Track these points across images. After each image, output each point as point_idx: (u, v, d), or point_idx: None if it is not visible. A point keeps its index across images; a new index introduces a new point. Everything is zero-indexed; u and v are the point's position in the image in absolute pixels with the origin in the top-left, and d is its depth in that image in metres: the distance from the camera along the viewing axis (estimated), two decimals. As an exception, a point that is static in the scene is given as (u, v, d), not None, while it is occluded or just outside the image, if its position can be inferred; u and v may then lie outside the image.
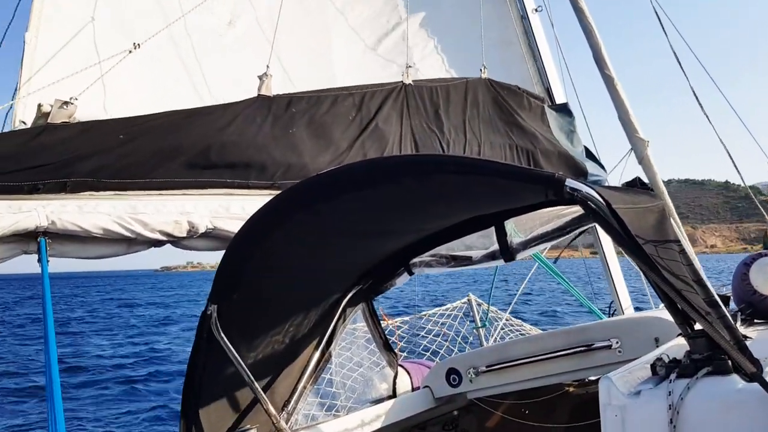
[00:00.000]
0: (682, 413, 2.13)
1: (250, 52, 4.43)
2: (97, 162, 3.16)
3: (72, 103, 3.20)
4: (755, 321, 3.80)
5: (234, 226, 3.34)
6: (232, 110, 3.71)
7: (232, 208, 3.53)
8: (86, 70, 3.41)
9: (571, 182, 2.23)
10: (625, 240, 2.21)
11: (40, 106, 3.17)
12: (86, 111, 3.29)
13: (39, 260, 2.91)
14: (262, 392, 3.29)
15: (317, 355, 3.81)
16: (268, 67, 3.96)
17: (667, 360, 2.45)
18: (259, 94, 3.89)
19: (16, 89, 3.46)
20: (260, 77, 3.93)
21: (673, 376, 2.27)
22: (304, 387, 3.73)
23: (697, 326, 2.43)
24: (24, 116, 3.34)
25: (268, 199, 3.10)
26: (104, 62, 3.46)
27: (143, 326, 32.91)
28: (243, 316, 3.28)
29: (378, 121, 4.36)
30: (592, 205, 2.20)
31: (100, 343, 25.65)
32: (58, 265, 3.02)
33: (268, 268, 3.25)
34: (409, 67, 4.87)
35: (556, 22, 6.58)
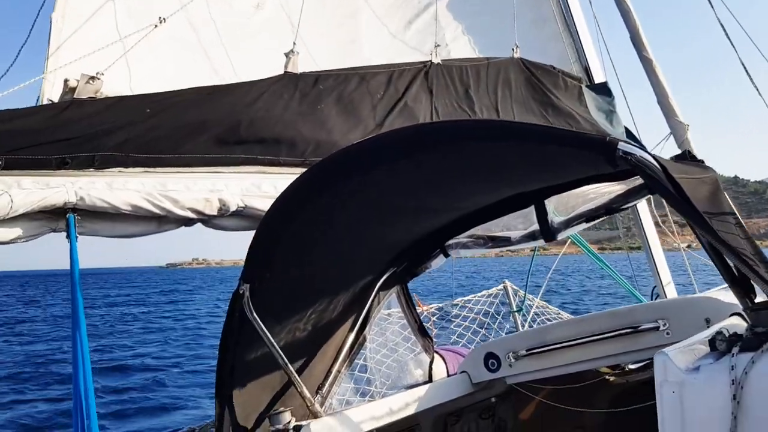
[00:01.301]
0: (746, 388, 2.00)
1: (277, 35, 4.35)
2: (123, 135, 3.12)
3: (98, 79, 3.16)
4: None
5: (265, 204, 3.26)
6: (258, 87, 3.66)
7: (264, 186, 3.46)
8: (112, 46, 3.38)
9: (624, 146, 2.11)
10: (684, 206, 2.09)
11: (66, 81, 3.14)
12: (113, 87, 3.26)
13: (68, 237, 2.86)
14: (296, 375, 3.20)
15: (351, 338, 3.72)
16: (294, 44, 3.89)
17: (727, 334, 2.31)
18: (285, 71, 3.82)
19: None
20: (287, 54, 3.87)
21: (735, 350, 2.13)
22: (339, 371, 3.64)
23: (758, 299, 2.29)
24: (51, 94, 3.30)
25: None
26: (129, 37, 3.42)
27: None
28: (275, 297, 3.20)
29: (407, 99, 4.27)
30: (648, 171, 2.07)
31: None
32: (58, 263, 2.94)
33: (300, 247, 3.16)
34: (438, 46, 4.76)
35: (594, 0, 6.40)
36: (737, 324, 2.63)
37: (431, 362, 4.29)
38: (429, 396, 3.99)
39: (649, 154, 2.13)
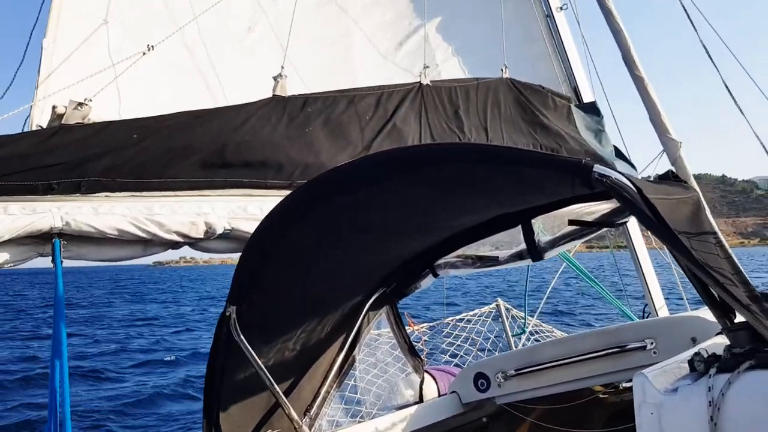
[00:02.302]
0: (723, 409, 2.01)
1: (267, 57, 4.41)
2: (110, 161, 3.15)
3: (86, 105, 3.19)
4: None
5: (252, 226, 3.27)
6: (246, 110, 3.69)
7: (250, 209, 3.48)
8: (101, 73, 3.42)
9: (599, 168, 2.11)
10: (659, 228, 2.10)
11: (54, 107, 3.18)
12: (101, 113, 3.29)
13: (53, 261, 2.88)
14: (283, 396, 3.21)
15: (341, 358, 3.73)
16: (282, 67, 3.93)
17: (705, 355, 2.32)
18: (273, 95, 3.86)
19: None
20: (275, 78, 3.90)
21: (712, 371, 2.15)
22: (328, 392, 3.64)
23: (737, 319, 2.30)
24: (41, 121, 3.34)
25: None
26: (119, 64, 3.46)
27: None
28: (263, 318, 3.21)
29: (396, 120, 4.30)
30: (623, 193, 2.08)
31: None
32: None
33: (288, 268, 3.18)
34: (427, 67, 4.80)
35: (582, 20, 6.46)
36: (721, 343, 2.64)
37: (422, 382, 4.30)
38: (419, 416, 3.99)
39: (625, 176, 2.14)
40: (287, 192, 3.61)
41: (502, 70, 5.35)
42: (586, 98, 6.06)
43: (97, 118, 3.25)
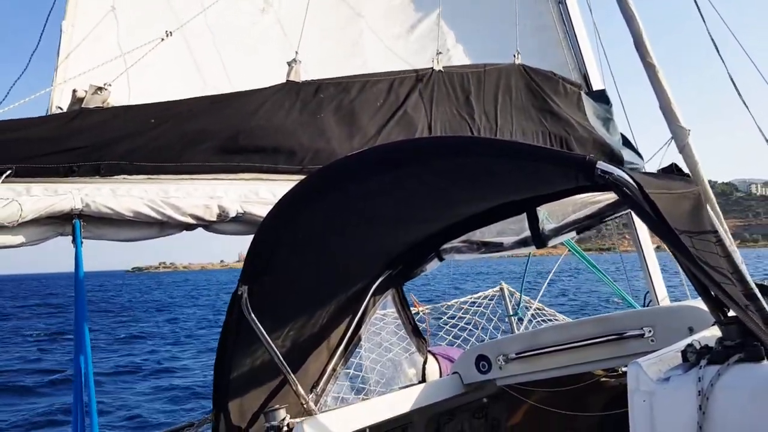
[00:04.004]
0: (712, 400, 2.08)
1: (281, 40, 4.46)
2: (128, 145, 3.25)
3: (106, 89, 3.28)
4: None
5: (263, 210, 3.38)
6: (260, 96, 3.76)
7: (262, 193, 3.58)
8: (120, 57, 3.49)
9: (602, 164, 2.18)
10: (658, 225, 2.16)
11: (75, 91, 3.27)
12: (120, 97, 3.37)
13: (73, 241, 3.00)
14: (291, 373, 3.33)
15: (347, 337, 3.84)
16: (296, 53, 3.99)
17: (698, 347, 2.40)
18: (287, 80, 3.93)
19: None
20: (289, 63, 3.96)
21: (703, 362, 2.22)
22: (334, 369, 3.76)
23: (731, 313, 2.37)
24: (60, 102, 3.43)
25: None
26: (138, 49, 3.53)
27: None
28: (273, 298, 3.32)
29: (407, 107, 4.35)
30: (624, 189, 2.15)
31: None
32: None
33: (298, 250, 3.29)
34: (440, 53, 4.83)
35: (594, 6, 6.45)
36: (715, 334, 2.72)
37: (425, 362, 4.42)
38: (421, 395, 4.11)
39: (627, 172, 2.21)
40: (298, 177, 3.72)
41: (514, 56, 5.37)
42: (596, 86, 6.07)
43: (116, 101, 3.34)
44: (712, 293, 2.39)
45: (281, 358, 3.26)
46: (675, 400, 2.17)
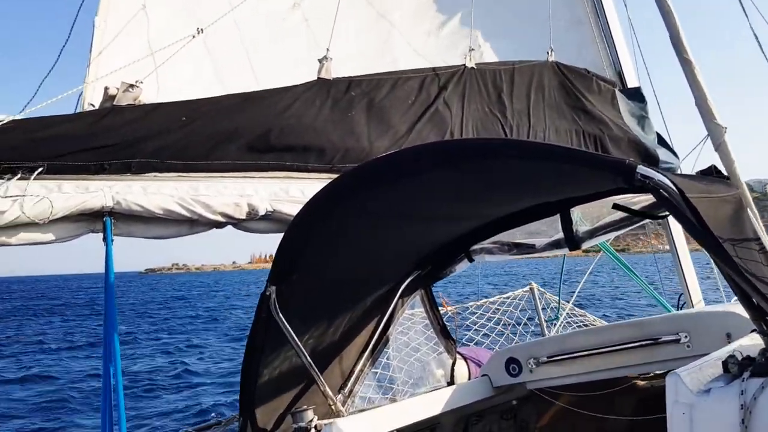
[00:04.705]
0: (755, 414, 2.03)
1: (311, 36, 4.42)
2: (159, 143, 3.25)
3: (137, 87, 3.28)
4: None
5: (293, 209, 3.36)
6: (292, 93, 3.73)
7: (292, 191, 3.56)
8: (152, 55, 3.49)
9: (642, 169, 2.13)
10: (699, 231, 2.10)
11: (106, 89, 3.28)
12: (150, 94, 3.37)
13: (104, 239, 3.01)
14: (318, 373, 3.31)
15: (375, 338, 3.81)
16: (328, 50, 3.96)
17: (740, 357, 2.32)
18: (318, 77, 3.90)
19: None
20: (320, 60, 3.93)
21: (746, 374, 2.16)
22: (362, 370, 3.74)
23: None
24: (92, 99, 3.44)
25: (326, 182, 3.10)
26: (169, 47, 3.53)
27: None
28: (302, 298, 3.30)
29: (438, 104, 4.29)
30: (665, 194, 2.10)
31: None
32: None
33: (327, 250, 3.26)
34: (472, 50, 4.76)
35: (630, 2, 6.32)
36: (755, 342, 2.63)
37: (453, 364, 4.37)
38: (452, 398, 4.07)
39: (668, 177, 2.15)
40: (328, 176, 3.69)
41: (548, 53, 5.28)
42: (631, 83, 5.95)
43: (146, 99, 3.34)
44: (755, 302, 2.32)
45: (309, 359, 3.24)
46: (716, 413, 2.12)
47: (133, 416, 12.62)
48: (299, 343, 3.19)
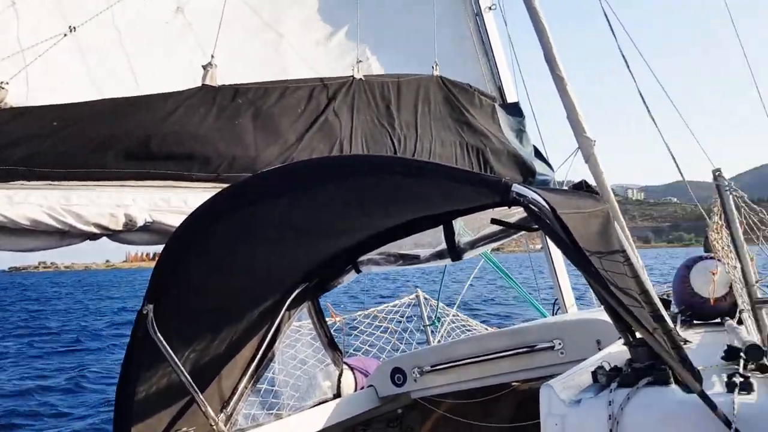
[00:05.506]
0: (621, 423, 2.12)
1: (195, 42, 4.26)
2: (28, 149, 2.99)
3: (3, 88, 3.02)
4: (694, 323, 3.89)
5: (175, 220, 3.21)
6: (174, 99, 3.57)
7: (174, 201, 3.40)
8: (20, 54, 3.23)
9: (517, 187, 2.21)
10: (569, 247, 2.19)
11: (-33, 89, 2.99)
12: (19, 98, 3.12)
13: None
14: (199, 393, 3.19)
15: (260, 354, 3.73)
16: (213, 56, 3.84)
17: (608, 368, 2.45)
18: (203, 84, 3.76)
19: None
20: (204, 67, 3.80)
21: (613, 385, 2.27)
22: (245, 387, 3.64)
23: (639, 334, 2.43)
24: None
25: (211, 192, 3.00)
26: (38, 45, 3.28)
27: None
28: (182, 314, 3.17)
29: (328, 115, 4.27)
30: (537, 211, 2.17)
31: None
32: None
33: (210, 264, 3.15)
34: (360, 61, 4.79)
35: (510, 21, 6.62)
36: (624, 350, 2.79)
37: (340, 375, 4.37)
38: (337, 411, 4.07)
39: (541, 195, 2.23)
40: (213, 185, 3.57)
41: (432, 67, 5.42)
42: (510, 98, 6.22)
43: (13, 102, 3.08)
44: (620, 315, 2.46)
45: (188, 377, 3.11)
46: (586, 424, 2.20)
47: None
48: (178, 363, 3.06)
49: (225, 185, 3.23)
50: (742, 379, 2.15)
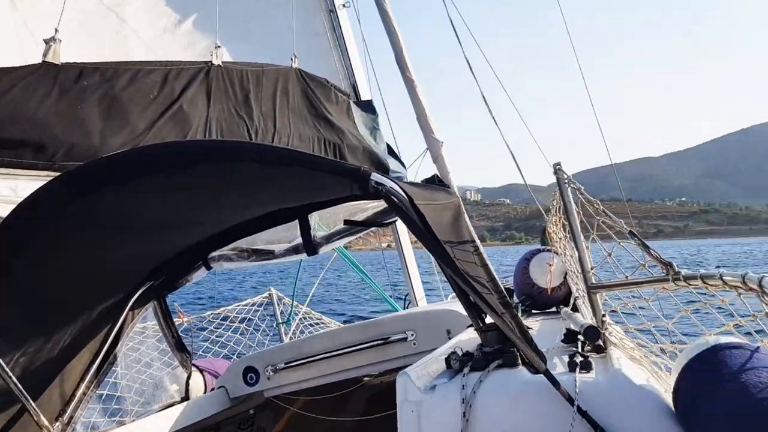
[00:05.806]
0: (474, 406, 2.18)
1: (37, 16, 3.84)
2: None
3: None
4: (533, 312, 4.15)
5: (3, 210, 2.87)
6: (9, 77, 3.18)
7: (2, 190, 3.05)
8: None
9: (376, 176, 2.21)
10: (425, 235, 2.23)
11: None
12: None
13: None
14: (30, 400, 2.88)
15: (100, 357, 3.44)
16: (57, 30, 3.46)
17: (460, 353, 2.52)
18: (44, 61, 3.39)
19: None
20: (47, 41, 3.42)
21: (466, 369, 2.33)
22: (84, 392, 3.35)
23: (488, 320, 2.52)
24: None
25: (45, 181, 2.70)
26: None
27: None
28: (10, 314, 2.84)
29: (183, 102, 4.02)
30: (396, 200, 2.18)
31: None
32: None
33: (43, 258, 2.83)
34: (219, 47, 4.58)
35: (365, 20, 6.67)
36: (471, 337, 2.88)
37: (188, 377, 4.16)
38: (185, 414, 3.86)
39: (399, 184, 2.25)
40: (47, 173, 3.24)
41: (291, 59, 5.32)
42: (364, 96, 6.28)
43: None
44: (472, 300, 2.53)
45: (18, 384, 2.80)
46: (441, 408, 2.24)
47: None
48: (5, 367, 2.74)
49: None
50: (582, 359, 2.29)
